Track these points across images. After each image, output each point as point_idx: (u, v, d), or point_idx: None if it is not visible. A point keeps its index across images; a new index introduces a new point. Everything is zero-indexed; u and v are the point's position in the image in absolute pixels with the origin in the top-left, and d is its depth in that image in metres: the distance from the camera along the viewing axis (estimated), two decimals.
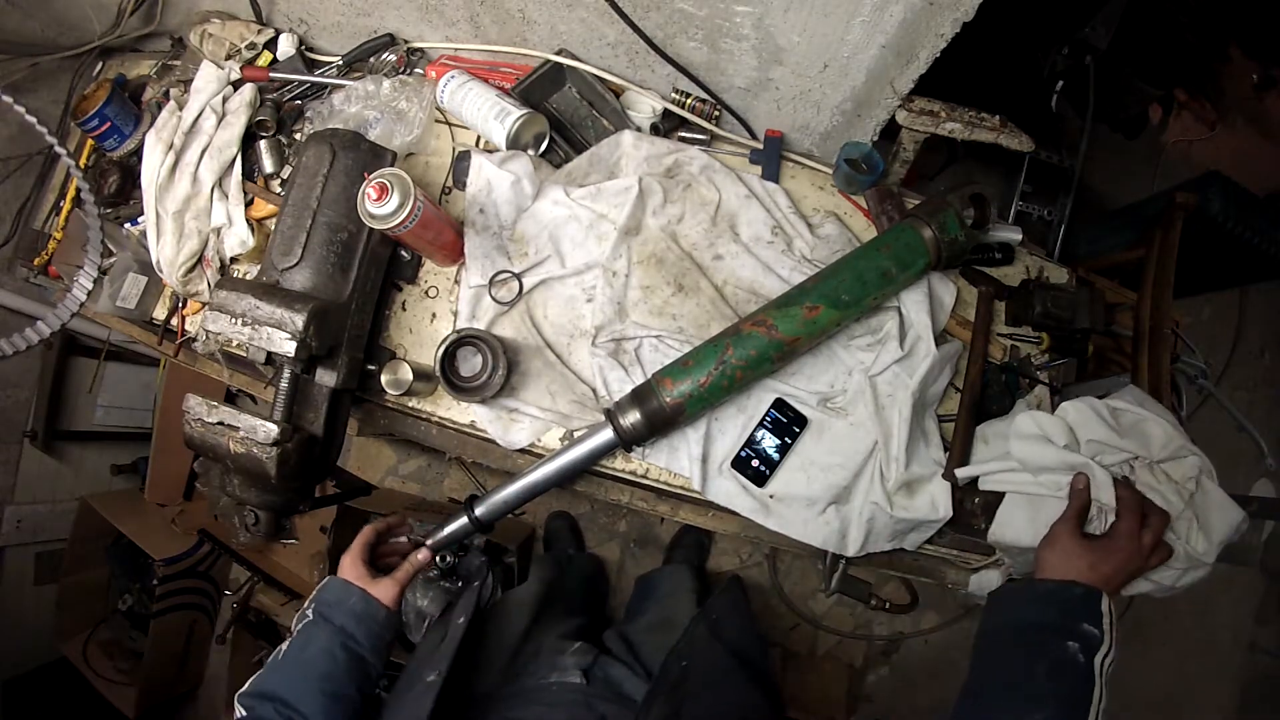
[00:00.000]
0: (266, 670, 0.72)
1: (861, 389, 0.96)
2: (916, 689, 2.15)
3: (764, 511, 0.96)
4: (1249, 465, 1.14)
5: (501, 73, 1.11)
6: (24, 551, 1.73)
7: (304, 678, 0.70)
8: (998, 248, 1.11)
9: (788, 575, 2.12)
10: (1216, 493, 0.84)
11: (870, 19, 0.81)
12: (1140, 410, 0.87)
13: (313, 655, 0.72)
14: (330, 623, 0.74)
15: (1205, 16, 1.90)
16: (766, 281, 1.02)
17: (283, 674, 0.71)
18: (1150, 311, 1.03)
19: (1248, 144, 2.31)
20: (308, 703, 0.68)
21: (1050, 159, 1.87)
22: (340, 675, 0.71)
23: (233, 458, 0.81)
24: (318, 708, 0.68)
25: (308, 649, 0.72)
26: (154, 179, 1.02)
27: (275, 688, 0.69)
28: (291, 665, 0.71)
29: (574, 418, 0.97)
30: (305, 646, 0.72)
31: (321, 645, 0.72)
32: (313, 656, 0.71)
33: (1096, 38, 1.65)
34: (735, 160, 1.10)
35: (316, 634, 0.73)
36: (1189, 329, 1.10)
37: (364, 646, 0.74)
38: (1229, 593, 2.28)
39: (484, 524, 0.92)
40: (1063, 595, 0.65)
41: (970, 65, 0.98)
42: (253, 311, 0.82)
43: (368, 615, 0.76)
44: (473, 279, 1.00)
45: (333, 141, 0.92)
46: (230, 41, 1.12)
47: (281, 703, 0.67)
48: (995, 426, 0.97)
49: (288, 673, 0.71)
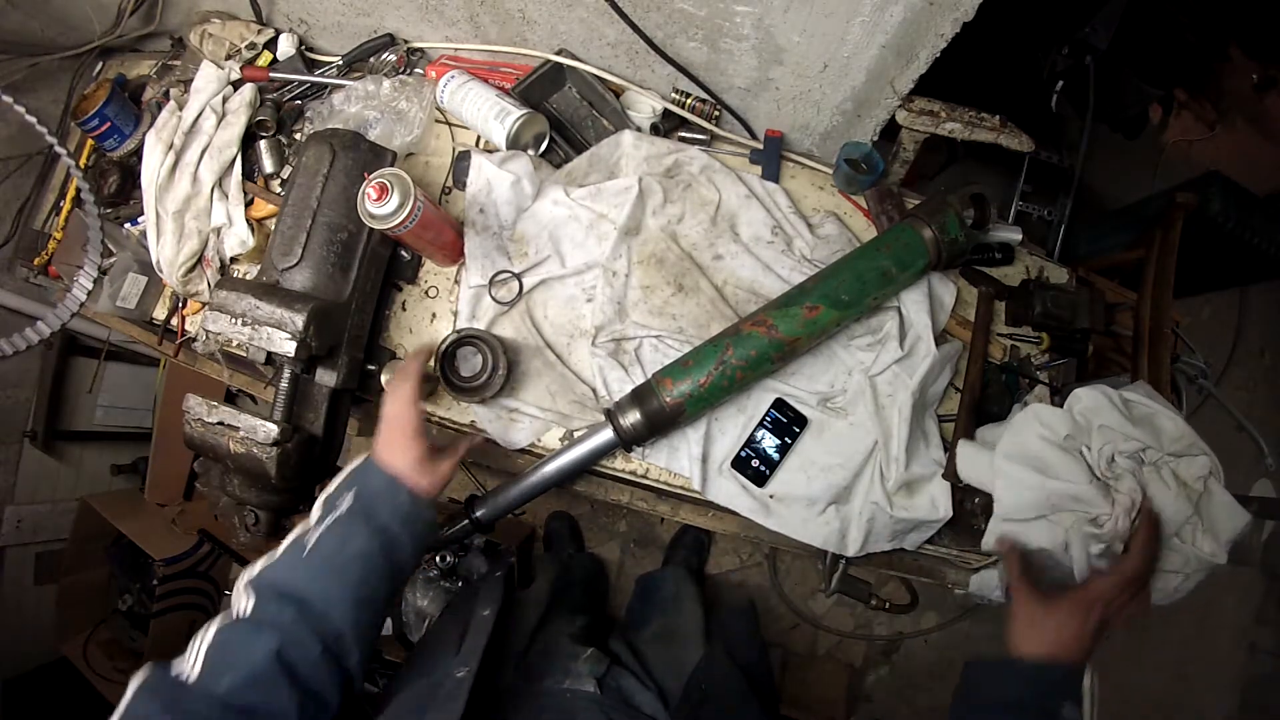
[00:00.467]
0: (287, 561, 0.61)
1: (861, 389, 0.96)
2: (916, 689, 2.15)
3: (764, 511, 0.96)
4: (1249, 465, 1.14)
5: (501, 73, 1.11)
6: (24, 551, 1.73)
7: (340, 583, 0.60)
8: (998, 248, 1.11)
9: (788, 575, 2.12)
10: (1223, 495, 0.84)
11: (870, 19, 0.81)
12: (1151, 404, 0.87)
13: (350, 558, 0.62)
14: (373, 521, 0.64)
15: (1205, 16, 1.90)
16: (766, 281, 1.02)
17: (312, 574, 0.60)
18: (1150, 311, 1.03)
19: (1248, 144, 2.31)
20: (340, 611, 0.59)
21: (1050, 159, 1.87)
22: (376, 581, 0.63)
23: (233, 458, 0.81)
24: (350, 618, 0.59)
25: (345, 549, 0.62)
26: (154, 179, 1.02)
27: (301, 588, 0.59)
28: (323, 565, 0.61)
29: (574, 418, 0.97)
30: (342, 545, 0.62)
31: (360, 548, 0.62)
32: (349, 559, 0.62)
33: (1096, 38, 1.65)
34: (735, 160, 1.10)
35: (356, 532, 0.63)
36: (1189, 329, 1.10)
37: (406, 551, 0.66)
38: (1229, 593, 2.28)
39: (484, 524, 0.92)
40: (1042, 677, 0.62)
41: (970, 65, 0.98)
42: (253, 311, 0.82)
43: (415, 517, 0.67)
44: (473, 279, 1.00)
45: (333, 141, 0.92)
46: (230, 41, 1.12)
47: (307, 606, 0.58)
48: (994, 431, 0.96)
49: (318, 573, 0.60)
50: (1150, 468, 0.85)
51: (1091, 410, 0.87)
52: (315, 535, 0.63)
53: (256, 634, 0.55)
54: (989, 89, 1.22)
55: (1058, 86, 1.76)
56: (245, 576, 0.61)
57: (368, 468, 0.69)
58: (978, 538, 0.94)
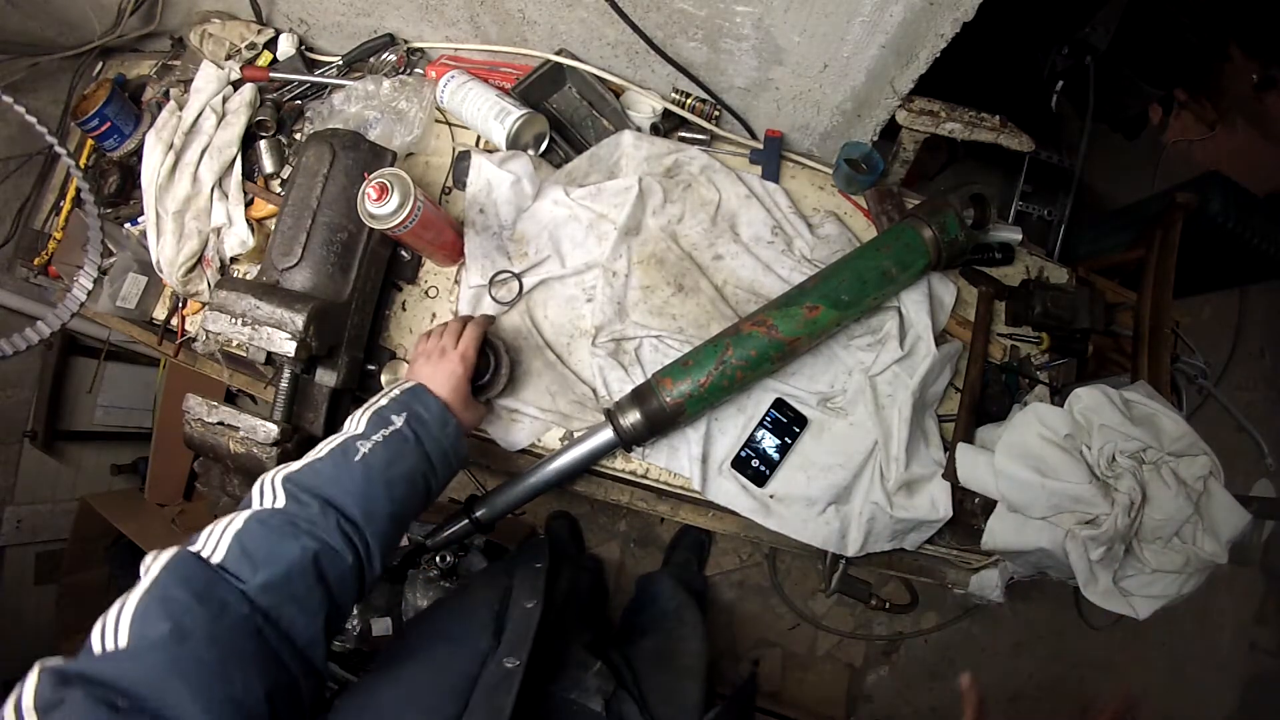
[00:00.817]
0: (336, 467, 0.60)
1: (861, 389, 0.96)
2: (916, 689, 2.15)
3: (764, 511, 0.96)
4: (1249, 465, 1.14)
5: (501, 73, 1.11)
6: (24, 551, 1.73)
7: (385, 498, 0.60)
8: (998, 248, 1.11)
9: (788, 575, 2.12)
10: (1223, 495, 0.84)
11: (870, 19, 0.81)
12: (1152, 404, 0.87)
13: (397, 476, 0.62)
14: (423, 445, 0.65)
15: (1205, 16, 1.90)
16: (766, 281, 1.02)
17: (358, 484, 0.59)
18: (1150, 311, 1.03)
19: (1248, 144, 2.32)
20: (377, 526, 0.58)
21: (1050, 159, 1.87)
22: (413, 502, 0.64)
23: (233, 458, 0.81)
24: (384, 534, 0.59)
25: (394, 466, 0.62)
26: (154, 179, 1.02)
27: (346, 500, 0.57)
28: (374, 480, 0.60)
29: (574, 418, 0.97)
30: (393, 462, 0.62)
31: (408, 468, 0.63)
32: (397, 477, 0.62)
33: (1096, 38, 1.65)
34: (735, 160, 1.10)
35: (407, 453, 0.64)
36: (1189, 329, 1.10)
37: (440, 480, 0.67)
38: (1229, 593, 2.28)
39: (484, 524, 0.92)
40: None
41: (970, 65, 0.98)
42: (253, 311, 0.82)
43: (459, 450, 0.69)
44: (473, 279, 1.00)
45: (333, 141, 0.92)
46: (230, 41, 1.12)
47: (348, 516, 0.57)
48: (994, 431, 0.97)
49: (365, 485, 0.59)
50: (1150, 467, 0.85)
51: (1092, 410, 0.87)
52: (365, 447, 0.62)
53: (294, 534, 0.53)
54: (989, 89, 1.22)
55: (1058, 86, 1.76)
56: (278, 472, 0.58)
57: (420, 394, 0.70)
58: (978, 538, 0.94)
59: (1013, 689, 2.19)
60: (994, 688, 2.18)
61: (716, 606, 2.10)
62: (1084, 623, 2.12)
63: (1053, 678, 2.21)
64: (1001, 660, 2.19)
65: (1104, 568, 0.85)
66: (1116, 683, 2.21)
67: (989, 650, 2.19)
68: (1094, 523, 0.84)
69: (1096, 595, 0.86)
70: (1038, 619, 2.20)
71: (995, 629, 2.19)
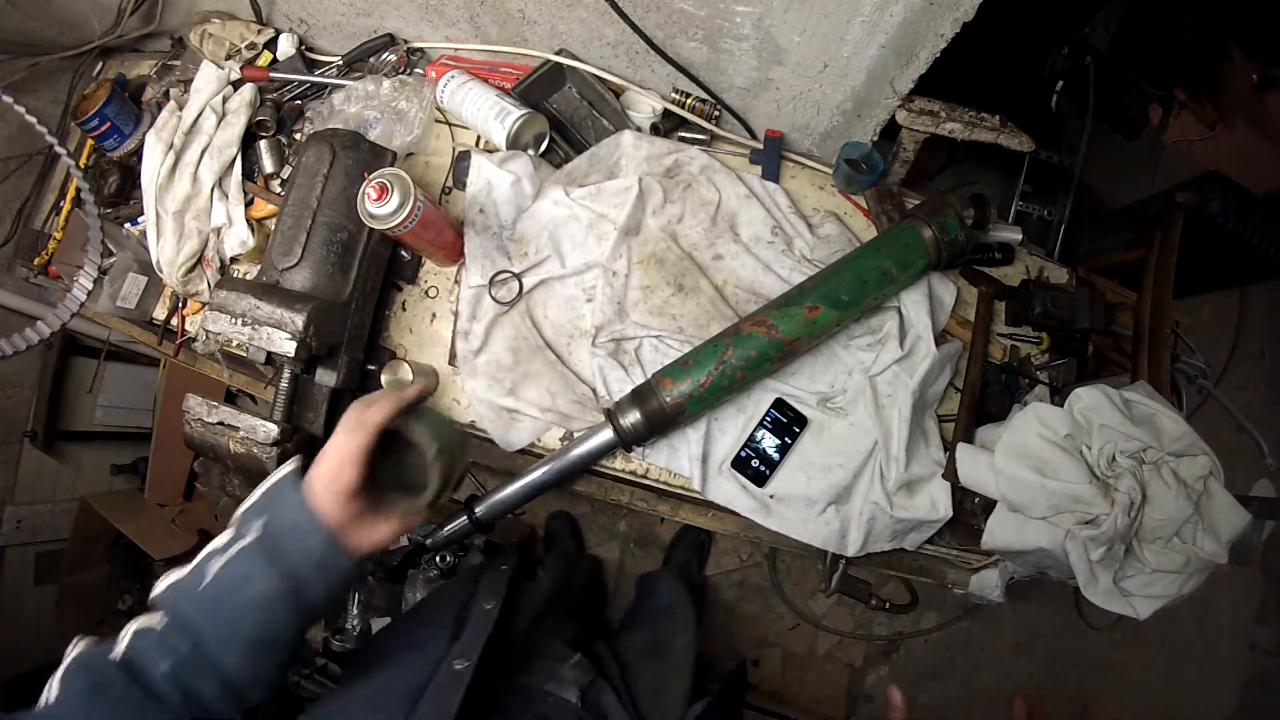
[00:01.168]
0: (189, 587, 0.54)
1: (861, 389, 0.96)
2: (917, 689, 2.15)
3: (764, 511, 0.96)
4: (1249, 465, 1.14)
5: (501, 73, 1.11)
6: (24, 551, 1.73)
7: (237, 626, 0.53)
8: (998, 248, 1.11)
9: (788, 575, 2.12)
10: (1223, 495, 0.84)
11: (870, 19, 0.81)
12: (1152, 404, 0.87)
13: (247, 600, 0.53)
14: (280, 563, 0.54)
15: (1205, 16, 1.90)
16: (766, 281, 1.02)
17: (207, 611, 0.53)
18: (1150, 311, 1.03)
19: (1248, 144, 2.32)
20: (234, 657, 0.52)
21: (1050, 159, 1.87)
22: (280, 626, 0.55)
23: (233, 458, 0.81)
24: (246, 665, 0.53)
25: (243, 590, 0.53)
26: (154, 179, 1.02)
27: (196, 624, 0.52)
28: (217, 600, 0.53)
29: (574, 418, 0.97)
30: (242, 585, 0.53)
31: (262, 591, 0.53)
32: (247, 602, 0.53)
33: (1096, 38, 1.65)
34: (735, 160, 1.10)
35: (258, 573, 0.53)
36: (1189, 329, 1.10)
37: (316, 596, 0.56)
38: (1229, 593, 2.28)
39: (484, 524, 0.92)
40: None
41: (970, 65, 0.98)
42: (253, 311, 0.82)
43: (329, 564, 0.56)
44: (473, 279, 1.00)
45: (333, 141, 0.92)
46: (230, 41, 1.12)
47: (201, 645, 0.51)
48: (994, 431, 0.97)
49: (214, 612, 0.53)
50: (1150, 467, 0.85)
51: (1092, 410, 0.87)
52: (218, 565, 0.54)
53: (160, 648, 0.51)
54: (989, 89, 1.22)
55: (1058, 86, 1.76)
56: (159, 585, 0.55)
57: (286, 492, 0.57)
58: (978, 538, 0.94)
59: (1013, 689, 2.19)
60: (994, 688, 2.18)
61: (716, 606, 2.10)
62: (1084, 623, 2.12)
63: (1053, 678, 2.21)
64: (1001, 660, 2.19)
65: (1104, 568, 0.85)
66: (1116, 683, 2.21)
67: (989, 650, 2.19)
68: (1094, 523, 0.84)
69: (1097, 595, 0.86)
70: (1038, 619, 2.20)
71: (995, 629, 2.19)
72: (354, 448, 0.57)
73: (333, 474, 0.57)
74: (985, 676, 2.18)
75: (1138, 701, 2.22)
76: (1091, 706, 2.21)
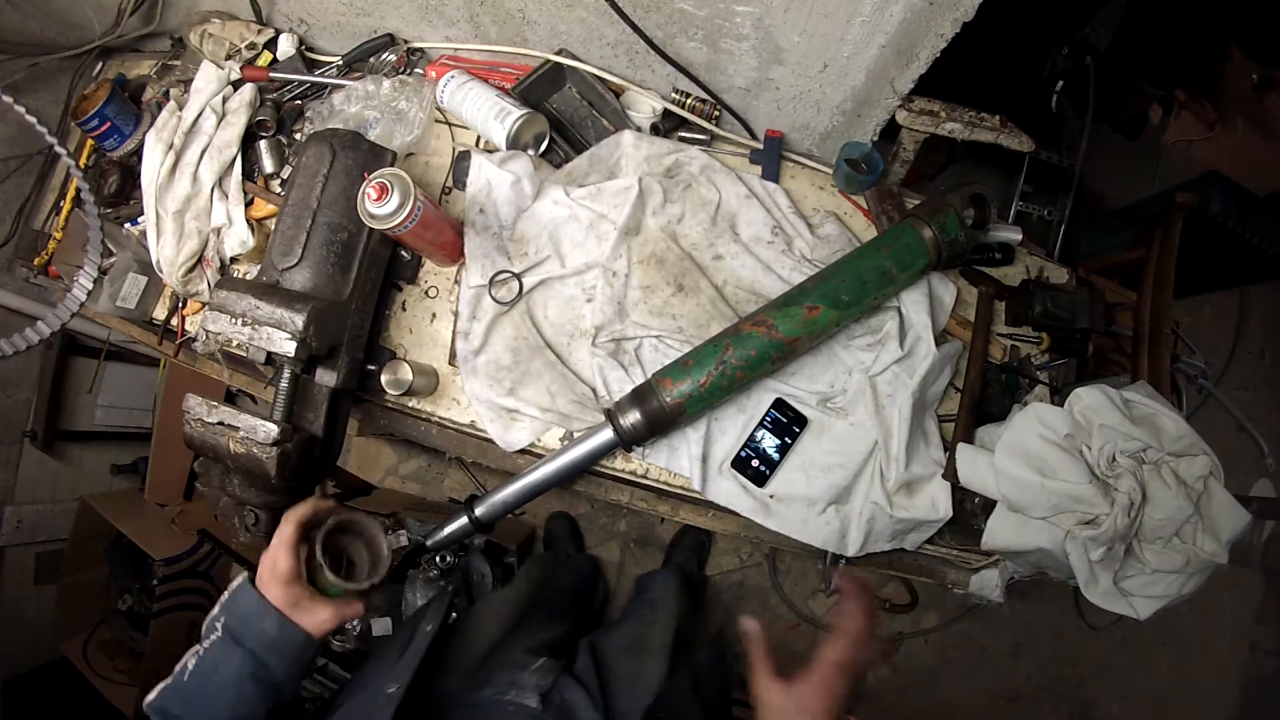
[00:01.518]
0: (172, 688, 0.66)
1: (861, 389, 0.96)
2: (916, 689, 2.15)
3: (764, 511, 0.96)
4: (1249, 465, 1.14)
5: (501, 73, 1.11)
6: (24, 551, 1.73)
7: (207, 706, 0.64)
8: (998, 248, 1.11)
9: (788, 575, 2.12)
10: (1223, 495, 0.84)
11: (870, 19, 0.81)
12: (1152, 404, 0.87)
13: (220, 683, 0.65)
14: (240, 646, 0.66)
15: (1205, 16, 1.90)
16: (766, 281, 1.02)
17: (186, 696, 0.65)
18: (1150, 311, 1.03)
19: (1248, 144, 2.31)
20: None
21: (1050, 159, 1.87)
22: (250, 700, 0.65)
23: (233, 458, 0.81)
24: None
25: (215, 675, 0.65)
26: (154, 179, 1.02)
27: (179, 710, 0.64)
28: (197, 689, 0.65)
29: (574, 418, 0.97)
30: (213, 671, 0.65)
31: (230, 673, 0.65)
32: (220, 684, 0.65)
33: (1096, 38, 1.65)
34: (735, 160, 1.10)
35: (225, 657, 0.66)
36: (1189, 329, 1.10)
37: (277, 674, 0.67)
38: (1229, 593, 2.28)
39: (484, 524, 0.92)
40: None
41: (970, 65, 0.98)
42: (253, 311, 0.81)
43: (283, 641, 0.67)
44: (473, 279, 1.00)
45: (333, 141, 0.92)
46: (230, 41, 1.12)
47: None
48: (994, 431, 0.97)
49: (191, 696, 0.65)
50: (1150, 467, 0.85)
51: (1092, 409, 0.87)
52: (191, 661, 0.66)
53: None
54: (989, 89, 1.22)
55: (1058, 86, 1.76)
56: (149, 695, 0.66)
57: (240, 591, 0.69)
58: (978, 538, 0.94)
59: (1013, 689, 2.19)
60: (994, 688, 2.18)
61: (716, 606, 2.10)
62: (1084, 623, 2.12)
63: (1053, 678, 2.21)
64: (1001, 660, 2.19)
65: (1104, 568, 0.85)
66: (1116, 683, 2.21)
67: (989, 650, 2.19)
68: (1094, 523, 0.84)
69: (1097, 596, 0.86)
70: (1038, 619, 2.20)
71: (995, 629, 2.19)
72: (285, 536, 0.69)
73: (271, 562, 0.69)
74: (985, 676, 2.18)
75: (1138, 701, 2.22)
76: (1091, 706, 2.21)
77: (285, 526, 0.70)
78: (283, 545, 0.69)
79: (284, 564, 0.68)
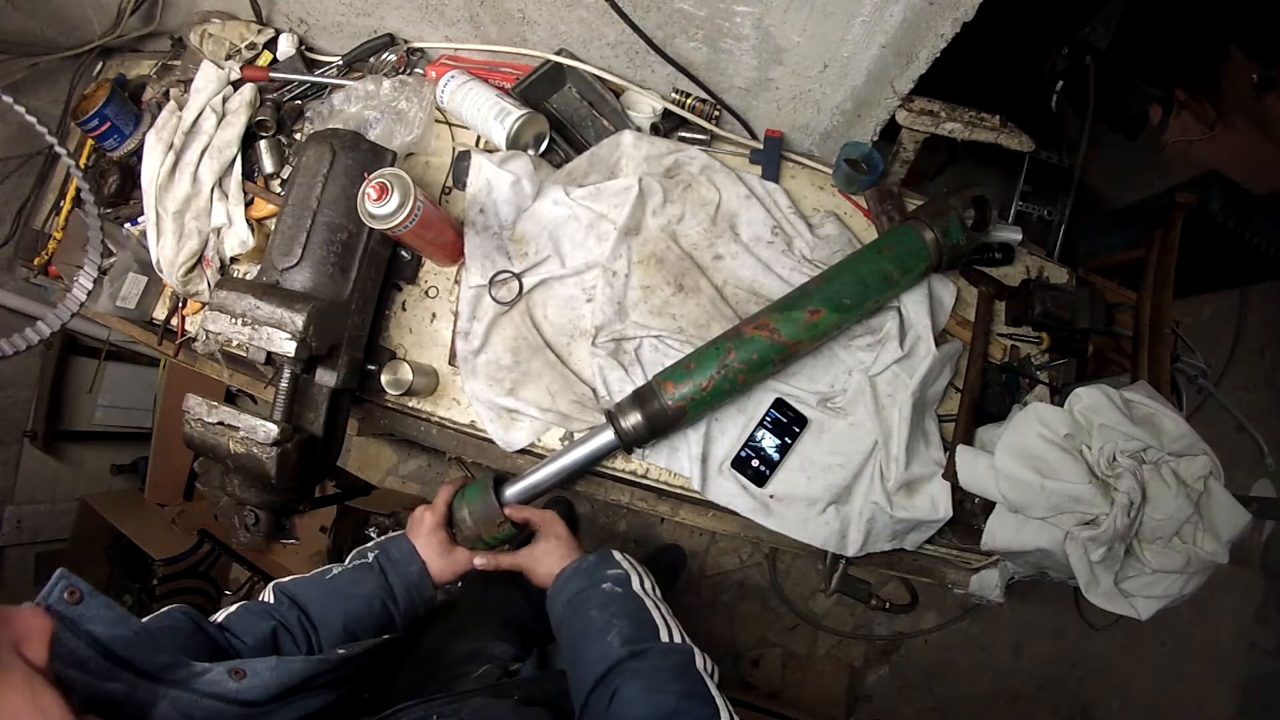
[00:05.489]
0: (311, 581, 0.76)
1: (861, 389, 0.96)
2: (916, 689, 2.15)
3: (764, 511, 0.96)
4: (1249, 465, 1.14)
5: (501, 73, 1.11)
6: (24, 551, 1.73)
7: (340, 610, 0.74)
8: (998, 248, 1.11)
9: (788, 575, 2.12)
10: (1223, 495, 0.84)
11: (870, 19, 0.81)
12: (1152, 404, 0.87)
13: (356, 595, 0.76)
14: (385, 577, 0.78)
15: (1205, 16, 1.90)
16: (766, 281, 1.02)
17: (322, 595, 0.75)
18: (1150, 311, 1.03)
19: (1248, 144, 2.31)
20: (329, 629, 0.73)
21: (1050, 159, 1.87)
22: (367, 622, 0.75)
23: (233, 458, 0.81)
24: (334, 638, 0.73)
25: (355, 587, 0.76)
26: (154, 179, 1.02)
27: (309, 602, 0.74)
28: (334, 592, 0.75)
29: (574, 418, 0.97)
30: (354, 584, 0.76)
31: (367, 591, 0.76)
32: (355, 596, 0.75)
33: (1096, 38, 1.65)
34: (735, 160, 1.10)
35: (369, 580, 0.77)
36: (1189, 329, 1.10)
37: (399, 610, 0.78)
38: (1229, 593, 2.28)
39: None
40: (579, 568, 0.76)
41: (970, 65, 0.98)
42: (253, 311, 0.81)
43: (418, 589, 0.79)
44: (473, 279, 1.00)
45: (333, 141, 0.92)
46: (230, 41, 1.12)
47: (307, 617, 0.73)
48: (994, 431, 0.97)
49: (327, 597, 0.75)
50: (1150, 467, 0.85)
51: (1092, 409, 0.87)
52: (338, 569, 0.78)
53: (263, 618, 0.70)
54: (989, 89, 1.22)
55: (1058, 86, 1.76)
56: (275, 582, 0.76)
57: (399, 537, 0.83)
58: (978, 538, 0.94)
59: (1013, 689, 2.19)
60: (994, 688, 2.18)
61: (716, 606, 2.10)
62: (1084, 623, 2.12)
63: (1053, 678, 2.21)
64: (1001, 660, 2.19)
65: (1105, 568, 0.85)
66: (1116, 683, 2.21)
67: (989, 650, 2.19)
68: (1094, 523, 0.84)
69: (1098, 597, 0.86)
70: (1038, 619, 2.20)
71: (995, 629, 2.19)
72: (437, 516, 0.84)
73: (422, 513, 0.85)
74: (985, 676, 2.18)
75: (1138, 701, 2.22)
76: (1091, 706, 2.21)
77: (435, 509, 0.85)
78: (440, 498, 0.86)
79: (431, 524, 0.83)
